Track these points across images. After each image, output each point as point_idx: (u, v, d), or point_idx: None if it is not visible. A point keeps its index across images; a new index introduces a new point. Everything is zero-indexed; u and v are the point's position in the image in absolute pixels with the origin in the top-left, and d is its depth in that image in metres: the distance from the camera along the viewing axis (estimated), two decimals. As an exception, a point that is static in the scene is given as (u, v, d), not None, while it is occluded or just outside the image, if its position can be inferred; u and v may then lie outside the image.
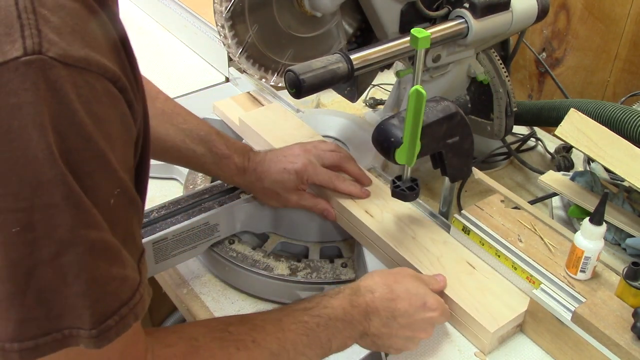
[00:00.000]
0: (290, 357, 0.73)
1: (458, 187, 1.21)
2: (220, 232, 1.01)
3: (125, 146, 0.55)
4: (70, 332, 0.52)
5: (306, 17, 1.05)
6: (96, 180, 0.51)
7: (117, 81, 0.52)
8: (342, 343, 0.79)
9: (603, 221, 0.83)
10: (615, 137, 0.97)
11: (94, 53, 0.50)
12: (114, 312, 0.53)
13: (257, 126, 1.15)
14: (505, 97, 1.19)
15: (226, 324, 0.73)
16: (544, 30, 1.50)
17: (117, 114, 0.52)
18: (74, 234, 0.49)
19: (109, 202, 0.52)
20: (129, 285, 0.55)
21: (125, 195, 0.55)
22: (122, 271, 0.54)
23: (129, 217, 0.56)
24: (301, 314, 0.76)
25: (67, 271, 0.50)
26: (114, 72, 0.51)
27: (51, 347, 0.51)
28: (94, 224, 0.51)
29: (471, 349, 0.87)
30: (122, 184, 0.54)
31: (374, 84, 1.50)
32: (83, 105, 0.49)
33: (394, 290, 0.82)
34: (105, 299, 0.53)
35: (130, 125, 0.55)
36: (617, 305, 0.80)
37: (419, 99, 0.80)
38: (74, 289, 0.51)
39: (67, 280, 0.50)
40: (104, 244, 0.52)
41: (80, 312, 0.51)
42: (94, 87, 0.50)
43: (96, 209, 0.51)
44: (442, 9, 1.08)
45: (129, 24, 1.66)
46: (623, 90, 1.37)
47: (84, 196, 0.49)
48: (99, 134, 0.50)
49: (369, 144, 0.92)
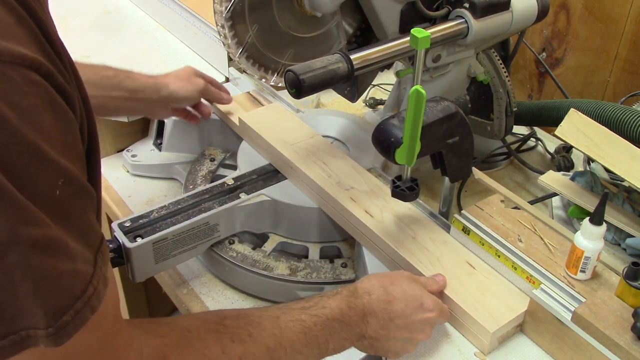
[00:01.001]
0: (287, 354, 0.73)
1: (458, 187, 1.21)
2: (220, 232, 1.01)
3: (65, 133, 0.53)
4: (28, 332, 0.50)
5: (306, 17, 1.05)
6: (32, 174, 0.49)
7: (39, 67, 0.49)
8: (339, 344, 0.78)
9: (603, 221, 0.83)
10: (615, 137, 0.97)
11: (5, 42, 0.47)
12: (69, 307, 0.52)
13: (257, 126, 1.15)
14: (505, 97, 1.19)
15: (221, 317, 0.72)
16: (544, 30, 1.50)
17: (45, 101, 0.50)
18: (13, 233, 0.48)
19: (54, 194, 0.50)
20: (80, 278, 0.53)
21: (72, 184, 0.53)
22: (70, 265, 0.52)
23: (81, 206, 0.54)
24: (299, 312, 0.76)
25: (13, 272, 0.48)
26: (32, 59, 0.49)
27: (11, 350, 0.50)
28: (33, 221, 0.49)
29: (471, 349, 0.87)
30: (66, 173, 0.52)
31: (374, 84, 1.50)
32: (3, 99, 0.46)
33: (390, 292, 0.81)
34: (57, 296, 0.51)
35: (64, 111, 0.52)
36: (617, 305, 0.80)
37: (419, 99, 0.80)
38: (23, 289, 0.49)
39: (14, 281, 0.49)
40: (47, 239, 0.50)
41: (33, 312, 0.50)
42: (11, 78, 0.47)
43: (37, 204, 0.49)
44: (442, 9, 1.08)
45: (129, 23, 1.67)
46: (623, 90, 1.37)
47: (17, 193, 0.47)
48: (26, 126, 0.48)
49: (369, 144, 0.92)
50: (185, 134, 1.25)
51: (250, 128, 1.16)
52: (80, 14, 1.66)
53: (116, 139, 1.33)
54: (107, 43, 1.55)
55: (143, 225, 0.96)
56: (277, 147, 1.10)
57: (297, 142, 1.11)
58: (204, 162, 1.20)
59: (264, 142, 1.13)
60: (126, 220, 0.96)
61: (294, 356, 0.74)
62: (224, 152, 1.25)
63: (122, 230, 0.94)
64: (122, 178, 1.25)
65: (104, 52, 1.51)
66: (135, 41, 1.57)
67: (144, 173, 1.26)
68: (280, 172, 1.11)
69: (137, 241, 0.92)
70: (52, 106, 0.51)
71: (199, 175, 1.16)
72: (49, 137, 0.50)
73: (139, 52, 1.52)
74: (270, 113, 1.21)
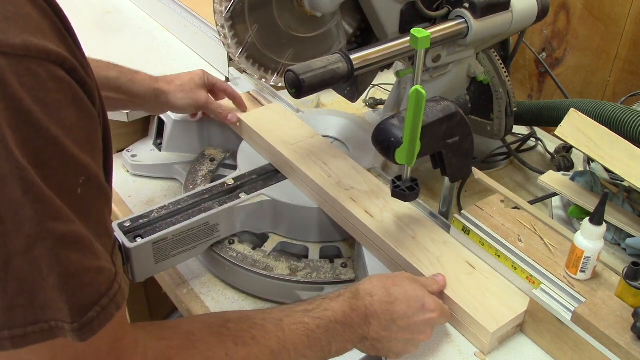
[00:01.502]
0: (290, 357, 0.73)
1: (458, 187, 1.21)
2: (220, 232, 1.01)
3: (87, 130, 0.53)
4: (57, 324, 0.51)
5: (306, 17, 1.05)
6: (55, 169, 0.49)
7: (64, 62, 0.50)
8: (341, 347, 0.78)
9: (603, 221, 0.83)
10: (615, 137, 0.97)
11: (32, 37, 0.48)
12: (95, 304, 0.53)
13: (257, 126, 1.15)
14: (505, 97, 1.19)
15: (225, 320, 0.72)
16: (544, 30, 1.50)
17: (68, 97, 0.50)
18: (41, 228, 0.48)
19: (76, 192, 0.51)
20: (106, 275, 0.54)
21: (93, 183, 0.53)
22: (96, 262, 0.53)
23: (99, 206, 0.55)
24: (302, 315, 0.76)
25: (41, 265, 0.49)
26: (57, 54, 0.49)
27: (40, 336, 0.51)
28: (60, 217, 0.49)
29: (471, 349, 0.87)
30: (86, 171, 0.52)
31: (374, 84, 1.50)
32: (29, 94, 0.47)
33: (392, 293, 0.81)
34: (83, 292, 0.52)
35: (87, 107, 0.53)
36: (617, 305, 0.80)
37: (419, 99, 0.80)
38: (50, 282, 0.50)
39: (43, 273, 0.49)
40: (74, 236, 0.51)
41: (60, 306, 0.51)
42: (37, 74, 0.48)
43: (62, 200, 0.49)
44: (442, 9, 1.08)
45: (129, 23, 1.66)
46: (623, 90, 1.37)
47: (45, 189, 0.48)
48: (49, 120, 0.48)
49: (369, 144, 0.92)
50: (185, 134, 1.25)
51: (250, 128, 1.16)
52: (80, 14, 1.66)
53: (116, 139, 1.33)
54: (107, 43, 1.55)
55: (143, 225, 0.96)
56: (277, 147, 1.10)
57: (297, 142, 1.11)
58: (204, 162, 1.20)
59: (264, 142, 1.13)
60: (126, 220, 0.96)
61: (298, 359, 0.74)
62: (224, 152, 1.25)
63: (122, 230, 0.94)
64: (122, 178, 1.25)
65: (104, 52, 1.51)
66: (135, 41, 1.57)
67: (144, 173, 1.26)
68: (280, 172, 1.11)
69: (137, 241, 0.93)
70: (76, 102, 0.51)
71: (199, 176, 1.16)
72: (72, 133, 0.50)
73: (139, 52, 1.52)
74: (270, 113, 1.21)
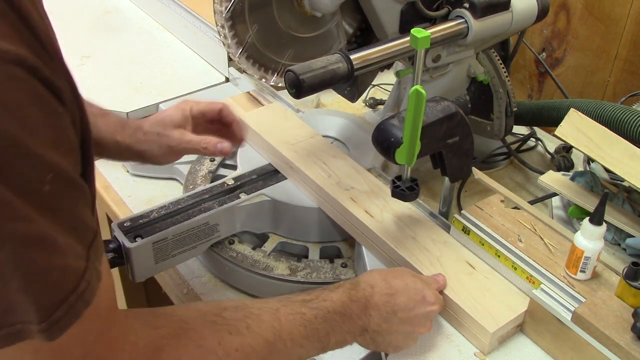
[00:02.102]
0: (286, 346, 0.72)
1: (458, 187, 1.21)
2: (220, 232, 1.01)
3: (54, 127, 0.52)
4: (23, 326, 0.51)
5: (306, 17, 1.05)
6: (17, 169, 0.48)
7: (23, 62, 0.48)
8: (341, 338, 0.78)
9: (603, 221, 0.83)
10: (615, 137, 0.97)
11: None
12: (61, 302, 0.52)
13: (257, 126, 1.15)
14: (505, 97, 1.19)
15: (221, 308, 0.71)
16: (544, 30, 1.50)
17: (29, 97, 0.49)
18: (1, 230, 0.48)
19: (42, 189, 0.50)
20: (72, 273, 0.53)
21: (62, 178, 0.52)
22: (61, 260, 0.52)
23: (72, 200, 0.54)
24: (299, 305, 0.75)
25: (3, 268, 0.48)
26: (15, 53, 0.48)
27: (6, 341, 0.51)
28: (21, 217, 0.49)
29: (471, 349, 0.87)
30: (54, 168, 0.51)
31: (374, 84, 1.50)
32: None
33: (393, 285, 0.81)
34: (48, 292, 0.51)
35: (52, 105, 0.52)
36: (617, 305, 0.80)
37: (419, 99, 0.80)
38: (14, 285, 0.49)
39: (5, 277, 0.49)
40: (37, 235, 0.50)
41: (25, 308, 0.50)
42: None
43: (24, 200, 0.49)
44: (442, 9, 1.08)
45: (129, 23, 1.67)
46: (623, 90, 1.37)
47: (3, 190, 0.47)
48: (9, 121, 0.47)
49: (369, 144, 0.92)
50: (185, 134, 1.25)
51: (250, 128, 1.16)
52: (80, 14, 1.66)
53: (116, 139, 1.33)
54: (107, 43, 1.55)
55: (143, 225, 0.96)
56: (277, 147, 1.10)
57: (297, 142, 1.11)
58: (204, 162, 1.20)
59: (264, 142, 1.13)
60: (126, 220, 0.96)
61: (294, 349, 0.73)
62: (224, 152, 1.25)
63: (122, 230, 0.94)
64: (122, 178, 1.25)
65: (104, 52, 1.52)
66: (135, 41, 1.57)
67: (144, 173, 1.26)
68: (280, 172, 1.11)
69: (137, 241, 0.92)
70: (39, 101, 0.50)
71: (199, 175, 1.16)
72: (35, 132, 0.49)
73: (139, 52, 1.52)
74: (270, 113, 1.21)
